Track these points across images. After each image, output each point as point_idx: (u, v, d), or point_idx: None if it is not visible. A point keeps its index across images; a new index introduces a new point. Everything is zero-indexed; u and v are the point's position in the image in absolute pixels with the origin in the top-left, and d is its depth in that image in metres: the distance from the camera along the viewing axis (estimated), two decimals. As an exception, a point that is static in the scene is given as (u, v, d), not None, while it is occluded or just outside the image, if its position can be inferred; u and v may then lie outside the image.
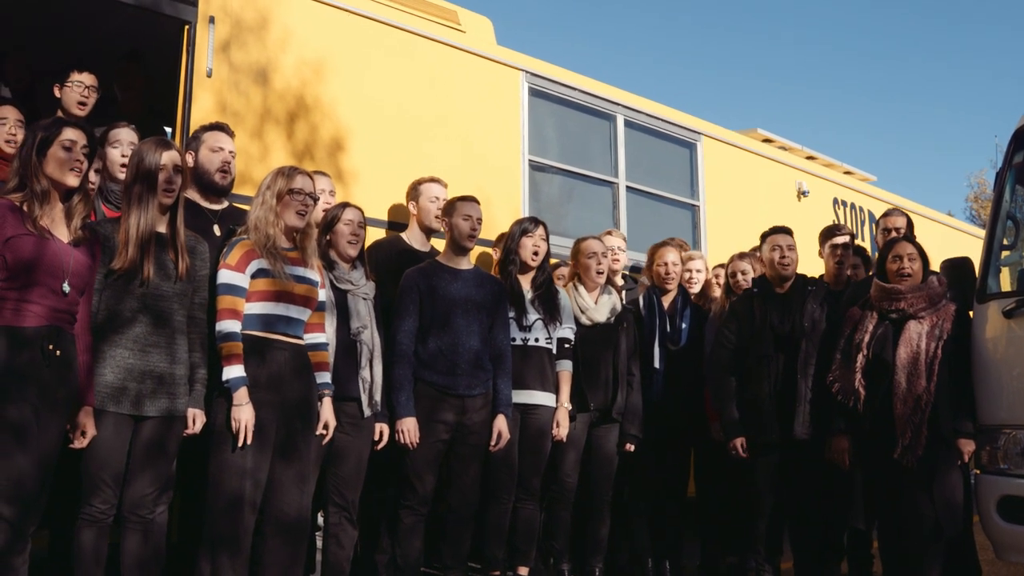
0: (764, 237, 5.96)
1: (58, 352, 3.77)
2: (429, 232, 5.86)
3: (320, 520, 5.13)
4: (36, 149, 3.86)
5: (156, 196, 4.13)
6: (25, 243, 3.74)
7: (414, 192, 5.88)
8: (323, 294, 4.64)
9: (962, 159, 59.47)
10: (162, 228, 4.19)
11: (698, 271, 6.76)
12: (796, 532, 5.77)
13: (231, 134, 5.02)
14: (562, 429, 5.59)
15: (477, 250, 5.98)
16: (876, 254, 6.01)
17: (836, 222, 8.77)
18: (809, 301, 5.76)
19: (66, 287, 3.81)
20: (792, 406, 5.62)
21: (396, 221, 6.04)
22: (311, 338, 4.57)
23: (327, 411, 4.60)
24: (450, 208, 5.45)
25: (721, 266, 6.73)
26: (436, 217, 5.77)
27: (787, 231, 5.92)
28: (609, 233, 6.60)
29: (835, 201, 9.59)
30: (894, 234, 5.95)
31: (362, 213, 5.09)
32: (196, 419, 4.22)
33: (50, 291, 3.77)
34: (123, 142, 5.07)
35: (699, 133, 8.29)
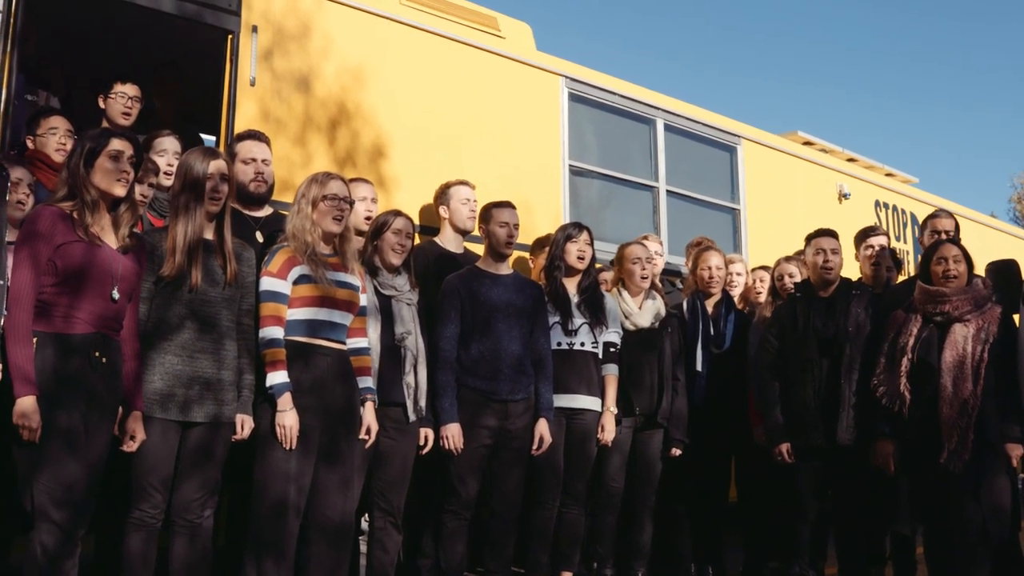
0: (808, 240, 5.92)
1: (104, 359, 3.83)
2: (463, 235, 5.88)
3: (364, 525, 5.16)
4: (84, 159, 3.91)
5: (203, 204, 4.18)
6: (75, 250, 3.79)
7: (443, 196, 5.91)
8: (364, 299, 4.67)
9: (1005, 160, 58.84)
10: (209, 235, 4.24)
11: (738, 274, 6.74)
12: (841, 538, 5.72)
13: (265, 140, 5.06)
14: (608, 433, 5.58)
15: (514, 254, 5.99)
16: (920, 257, 5.96)
17: (876, 225, 8.70)
18: (853, 305, 5.71)
19: (115, 293, 3.86)
20: (836, 411, 5.57)
21: (434, 226, 6.06)
22: (353, 343, 4.60)
23: (369, 416, 4.62)
24: (486, 215, 5.47)
25: (764, 268, 6.69)
26: (470, 217, 5.79)
27: (832, 234, 5.88)
28: (646, 238, 6.59)
29: (877, 203, 9.52)
30: (943, 236, 5.87)
31: (412, 223, 5.11)
32: (244, 425, 4.26)
33: (99, 297, 3.83)
34: (168, 151, 5.13)
35: (739, 136, 8.26)
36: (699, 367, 6.07)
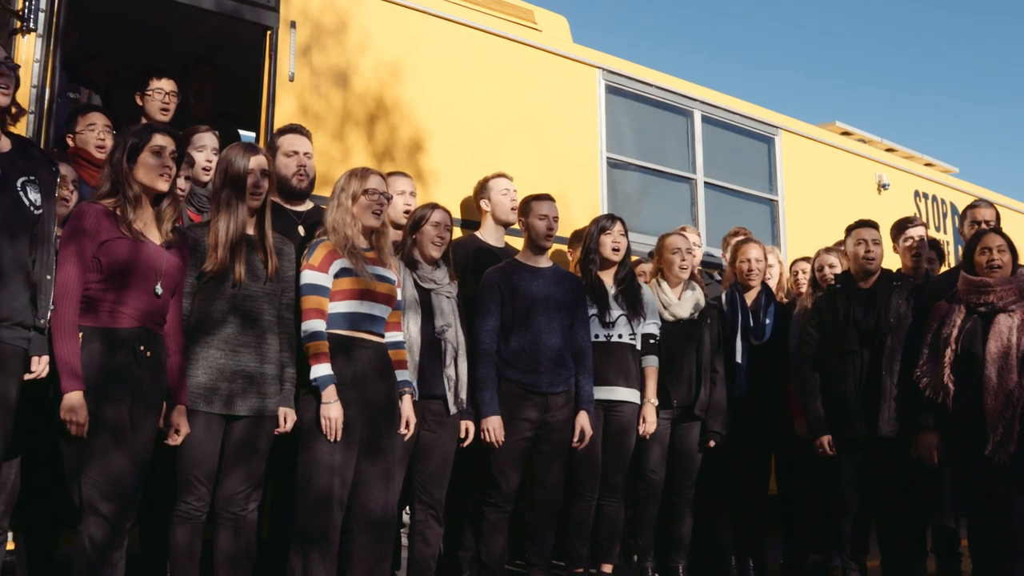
0: (849, 231, 5.87)
1: (149, 353, 3.86)
2: (504, 226, 5.89)
3: (406, 517, 5.18)
4: (127, 155, 3.94)
5: (244, 200, 4.21)
6: (120, 246, 3.83)
7: (483, 190, 5.93)
8: (400, 292, 4.68)
9: (1047, 149, 57.92)
10: (250, 230, 4.27)
11: (770, 265, 6.70)
12: (884, 530, 5.68)
13: (306, 134, 5.08)
14: (648, 425, 5.58)
15: (553, 247, 5.99)
16: (961, 247, 5.90)
17: (915, 215, 8.63)
18: (894, 296, 5.66)
19: (159, 288, 3.90)
20: (877, 402, 5.54)
21: (474, 219, 6.07)
22: (391, 336, 4.61)
23: (407, 409, 4.64)
24: (526, 207, 5.47)
25: (805, 260, 6.64)
26: (512, 209, 5.81)
27: (872, 225, 5.83)
28: (684, 229, 6.57)
29: (916, 194, 9.44)
30: (983, 226, 5.81)
31: (450, 215, 5.11)
32: (288, 418, 4.29)
33: (144, 292, 3.87)
34: (207, 147, 5.16)
35: (777, 127, 8.21)
36: (739, 359, 6.03)
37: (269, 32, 5.65)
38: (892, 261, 6.35)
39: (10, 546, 4.45)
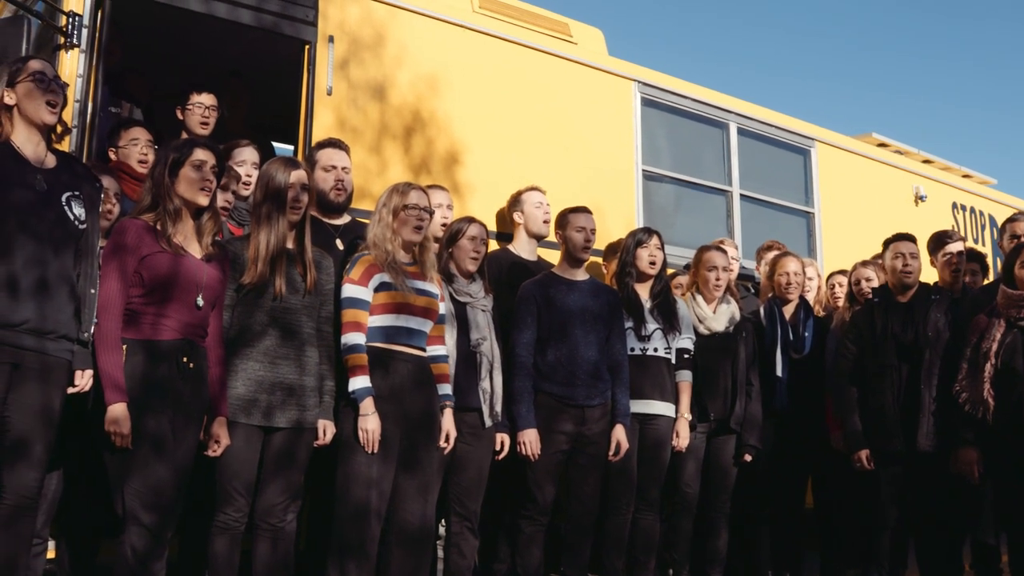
0: (887, 244, 5.84)
1: (192, 365, 3.91)
2: (537, 239, 5.90)
3: (441, 530, 5.20)
4: (168, 169, 4.00)
5: (284, 214, 4.25)
6: (161, 260, 3.88)
7: (516, 203, 5.95)
8: (443, 307, 4.71)
9: (1085, 160, 57.25)
10: (290, 244, 4.31)
11: (810, 279, 6.68)
12: (922, 546, 5.64)
13: (344, 148, 5.12)
14: (682, 439, 5.57)
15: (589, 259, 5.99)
16: (999, 259, 5.85)
17: (953, 228, 8.57)
18: (933, 310, 5.62)
19: (200, 301, 3.95)
20: (916, 417, 5.49)
21: (508, 232, 6.09)
22: (432, 350, 4.64)
23: (448, 422, 4.66)
24: (563, 220, 5.48)
25: (842, 273, 6.61)
26: (544, 221, 5.82)
27: (910, 238, 5.79)
28: (723, 242, 6.55)
29: (954, 205, 9.37)
30: (1023, 240, 5.76)
31: (486, 229, 5.14)
32: (326, 430, 4.32)
33: (185, 306, 3.92)
34: (247, 161, 5.22)
35: (813, 139, 8.18)
36: (779, 373, 6.01)
37: (307, 46, 5.71)
38: (929, 274, 6.31)
39: (51, 554, 4.52)
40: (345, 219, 5.10)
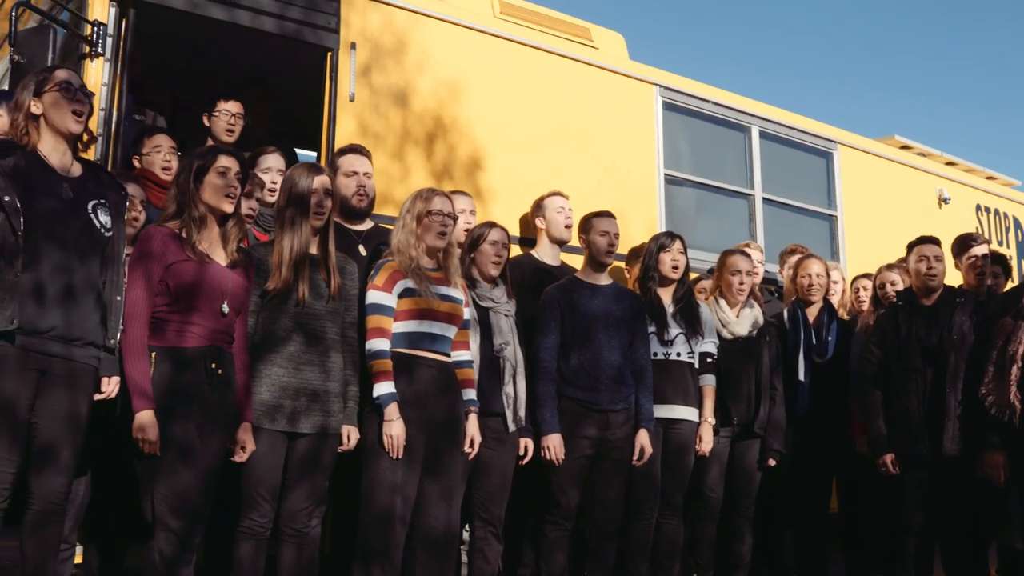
0: (910, 247, 5.82)
1: (219, 371, 3.93)
2: (560, 244, 5.90)
3: (465, 535, 5.20)
4: (193, 176, 4.03)
5: (308, 219, 4.27)
6: (186, 268, 3.91)
7: (539, 208, 5.95)
8: (468, 312, 4.71)
9: (1111, 160, 56.66)
10: (314, 249, 4.33)
11: (835, 282, 6.66)
12: (948, 550, 5.60)
13: (366, 154, 5.13)
14: (705, 444, 5.55)
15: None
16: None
17: (977, 230, 8.51)
18: (957, 313, 5.59)
19: (225, 308, 3.97)
20: (941, 420, 5.47)
21: (531, 237, 6.09)
22: (457, 355, 4.65)
23: (473, 427, 4.67)
24: (586, 225, 5.48)
25: (867, 276, 6.59)
26: (566, 226, 5.83)
27: (934, 241, 5.77)
28: (747, 245, 6.54)
29: (978, 207, 9.31)
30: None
31: (507, 234, 5.14)
32: (351, 435, 4.34)
33: (210, 312, 3.94)
34: (272, 168, 5.25)
35: (835, 142, 8.15)
36: (801, 377, 5.99)
37: (330, 53, 5.73)
38: (954, 277, 6.28)
39: (78, 559, 4.55)
40: (367, 225, 5.11)
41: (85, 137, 4.07)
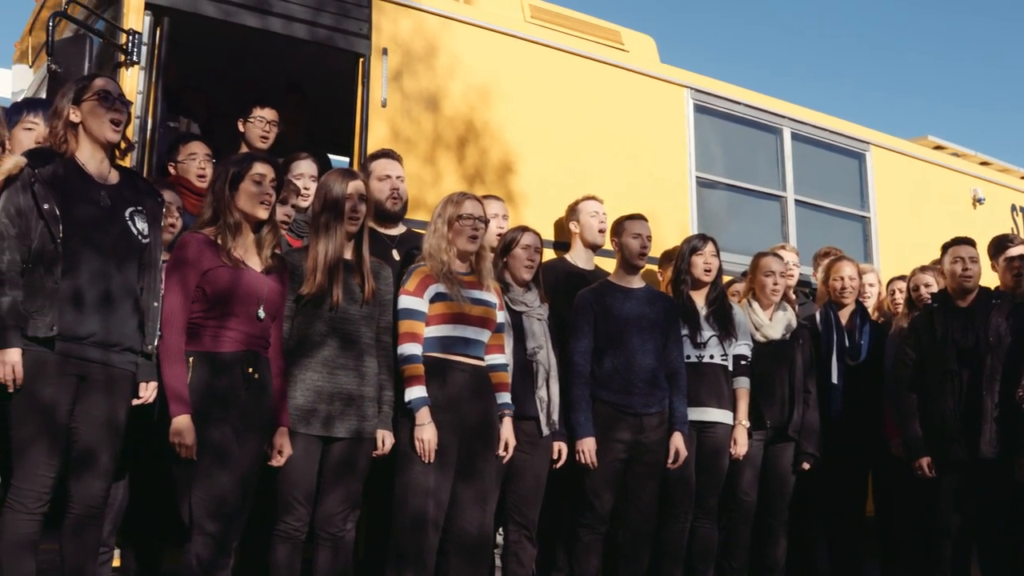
0: (945, 248, 5.78)
1: (256, 375, 3.96)
2: (593, 249, 5.90)
3: (499, 538, 5.21)
4: (229, 183, 4.06)
5: (343, 224, 4.29)
6: (222, 274, 3.94)
7: (573, 212, 5.96)
8: (501, 316, 4.72)
9: None
10: (348, 254, 4.35)
11: (871, 285, 6.63)
12: (985, 554, 5.56)
13: (397, 159, 5.16)
14: (740, 447, 5.53)
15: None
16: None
17: (1013, 231, 8.43)
18: (994, 314, 5.55)
19: (261, 313, 4.00)
20: (977, 423, 5.43)
21: (565, 241, 6.10)
22: (491, 359, 4.67)
23: (507, 431, 4.68)
24: (619, 227, 5.49)
25: (902, 278, 6.55)
26: (600, 231, 5.82)
27: (970, 242, 5.72)
28: (783, 248, 6.51)
29: (1013, 208, 9.22)
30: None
31: (539, 238, 5.16)
32: (385, 440, 4.36)
33: (246, 318, 3.97)
34: (304, 174, 5.27)
35: (868, 143, 8.10)
36: (835, 379, 5.97)
37: (361, 59, 5.76)
38: (989, 278, 6.23)
39: (116, 563, 4.60)
40: (400, 229, 5.14)
41: (123, 144, 4.10)
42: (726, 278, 5.96)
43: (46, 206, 3.69)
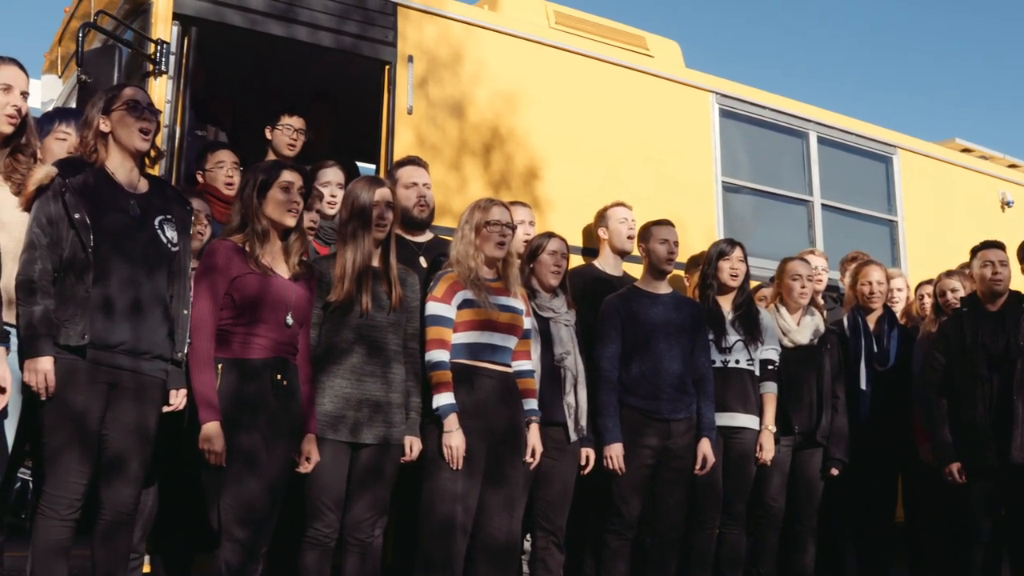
0: (974, 252, 5.73)
1: (284, 382, 3.98)
2: (622, 255, 5.90)
3: (527, 544, 5.21)
4: (257, 191, 4.09)
5: (370, 232, 4.31)
6: (250, 281, 3.97)
7: (602, 219, 5.96)
8: (528, 322, 4.72)
9: None
10: (375, 262, 4.37)
11: (899, 290, 6.59)
12: (1017, 561, 5.51)
13: (424, 165, 5.17)
14: (767, 452, 5.51)
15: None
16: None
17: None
18: (1024, 319, 5.51)
19: (289, 319, 4.03)
20: (1008, 429, 5.38)
21: (593, 247, 6.10)
22: (518, 365, 4.67)
23: (534, 437, 4.68)
24: (646, 233, 5.48)
25: (930, 282, 6.51)
26: (629, 237, 5.82)
27: (999, 246, 5.68)
28: (812, 252, 6.49)
29: (1041, 210, 9.14)
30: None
31: (565, 243, 5.16)
32: (413, 446, 4.36)
33: (275, 324, 4.00)
34: (331, 182, 5.29)
35: (895, 146, 8.06)
36: (863, 385, 5.93)
37: (387, 66, 5.78)
38: (1019, 282, 6.18)
39: (146, 569, 4.62)
40: (427, 236, 5.15)
41: (152, 153, 4.13)
42: (753, 283, 5.93)
43: (77, 215, 3.72)
